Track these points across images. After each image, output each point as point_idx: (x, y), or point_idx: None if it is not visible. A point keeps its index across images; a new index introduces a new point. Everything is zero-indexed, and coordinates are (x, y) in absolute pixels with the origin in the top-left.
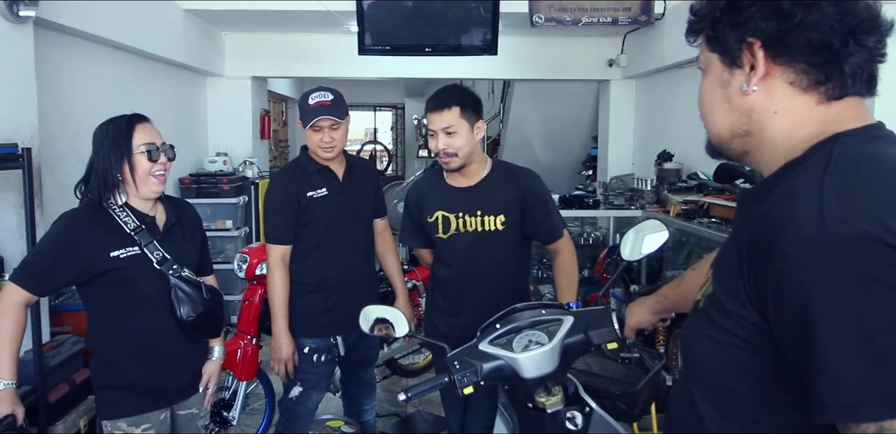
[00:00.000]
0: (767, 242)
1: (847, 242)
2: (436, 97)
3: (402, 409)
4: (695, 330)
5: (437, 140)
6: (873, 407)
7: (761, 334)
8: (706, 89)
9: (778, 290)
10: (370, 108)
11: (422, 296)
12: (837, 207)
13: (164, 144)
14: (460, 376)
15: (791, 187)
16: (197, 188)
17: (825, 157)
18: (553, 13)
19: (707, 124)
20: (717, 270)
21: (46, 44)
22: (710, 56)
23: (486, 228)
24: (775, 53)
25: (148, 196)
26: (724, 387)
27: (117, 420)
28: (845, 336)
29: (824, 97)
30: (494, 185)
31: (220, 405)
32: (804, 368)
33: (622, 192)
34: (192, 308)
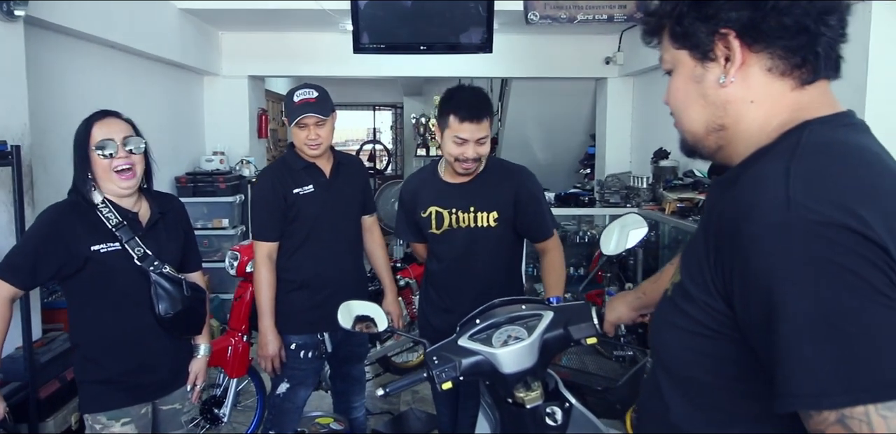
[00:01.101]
0: (733, 228)
1: (811, 228)
2: (469, 107)
3: (395, 407)
4: (661, 318)
5: (466, 148)
6: (834, 395)
7: (726, 322)
8: (678, 87)
9: (743, 276)
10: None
11: (415, 294)
12: (803, 193)
13: (126, 138)
14: (439, 372)
15: (758, 173)
16: (193, 187)
17: (793, 143)
18: (548, 11)
19: (681, 123)
20: (684, 258)
21: (41, 43)
22: (677, 53)
23: (479, 225)
24: (751, 41)
25: (116, 193)
26: (689, 375)
27: (97, 414)
28: (807, 323)
29: (799, 82)
30: (489, 181)
31: (211, 402)
32: (768, 356)
33: (618, 189)
34: (171, 305)
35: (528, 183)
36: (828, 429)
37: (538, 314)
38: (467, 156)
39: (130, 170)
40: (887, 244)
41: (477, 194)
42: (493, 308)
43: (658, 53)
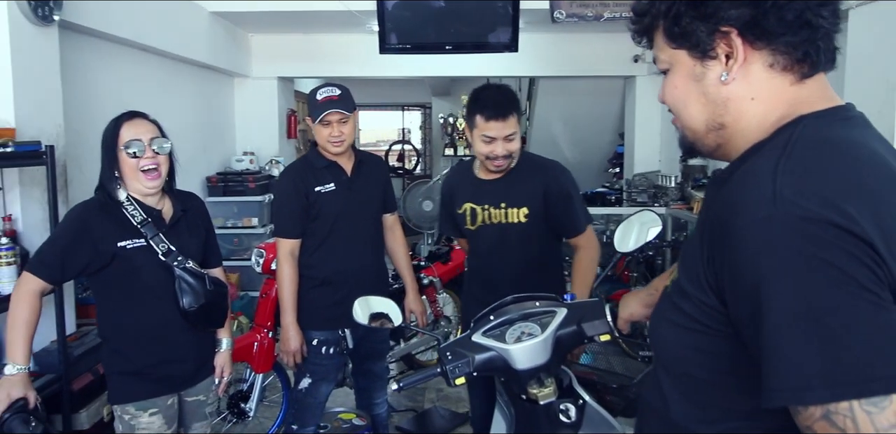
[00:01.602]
0: (724, 225)
1: (798, 224)
2: (494, 105)
3: (420, 405)
4: (659, 315)
5: (495, 146)
6: (818, 390)
7: (720, 318)
8: (676, 85)
9: (732, 272)
10: (399, 107)
11: (439, 292)
12: (790, 189)
13: (153, 139)
14: (452, 367)
15: (749, 170)
16: (224, 186)
17: (785, 139)
18: (574, 9)
19: (681, 121)
20: (682, 256)
21: (75, 46)
22: (675, 53)
23: (510, 220)
24: (753, 38)
25: (141, 192)
26: (685, 371)
27: (125, 404)
28: (793, 318)
29: (799, 76)
30: (519, 177)
31: (238, 397)
32: (757, 351)
33: (645, 188)
34: (195, 299)
35: (559, 178)
36: (814, 424)
37: (552, 311)
38: (497, 153)
39: (156, 170)
40: (874, 240)
41: (508, 190)
42: (507, 305)
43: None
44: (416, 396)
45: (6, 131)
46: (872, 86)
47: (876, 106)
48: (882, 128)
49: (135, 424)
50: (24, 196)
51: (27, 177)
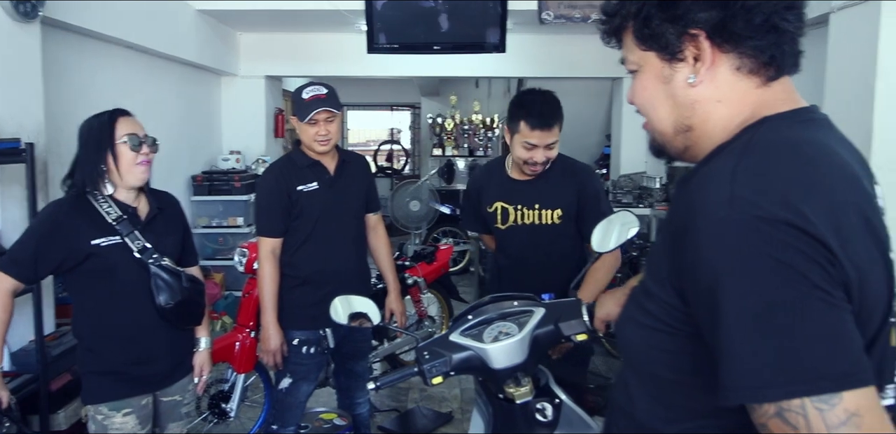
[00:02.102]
0: (684, 225)
1: (754, 224)
2: (540, 114)
3: (403, 405)
4: (626, 315)
5: (535, 153)
6: (771, 388)
7: (682, 318)
8: (645, 87)
9: (692, 271)
10: (388, 107)
11: (423, 292)
12: (747, 189)
13: (146, 136)
14: (430, 366)
15: (709, 171)
16: (209, 185)
17: (746, 140)
18: (562, 10)
19: (650, 123)
20: (649, 257)
21: (59, 43)
22: (644, 55)
23: (544, 222)
24: (721, 41)
25: (133, 184)
26: (650, 370)
27: (98, 405)
28: (747, 317)
29: (765, 79)
30: (553, 179)
31: (219, 397)
32: (715, 350)
33: (630, 189)
34: (171, 296)
35: (592, 181)
36: (768, 421)
37: (529, 311)
38: (536, 160)
39: (149, 163)
40: (828, 239)
41: (542, 192)
42: (485, 304)
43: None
44: (400, 396)
45: None
46: (852, 88)
47: (856, 108)
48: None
49: (108, 425)
50: (3, 194)
51: (7, 174)
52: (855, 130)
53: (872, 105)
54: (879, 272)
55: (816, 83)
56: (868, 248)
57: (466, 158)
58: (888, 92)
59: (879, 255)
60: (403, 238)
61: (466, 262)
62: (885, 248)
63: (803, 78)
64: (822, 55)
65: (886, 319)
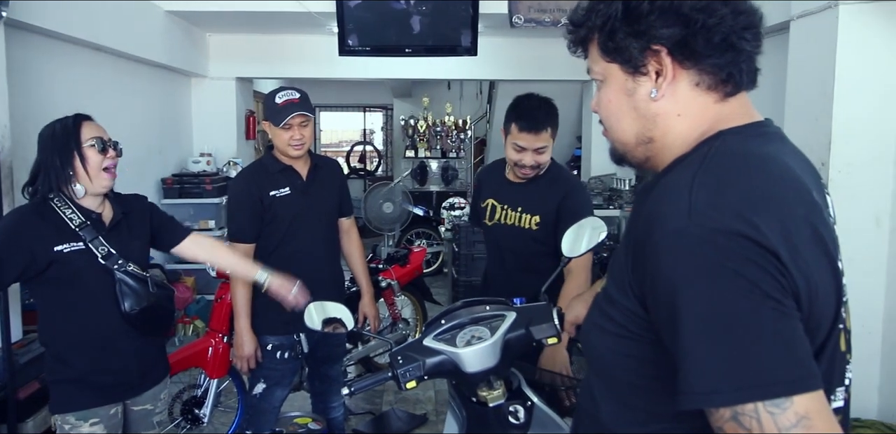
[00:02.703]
0: (644, 235)
1: (709, 236)
2: (531, 117)
3: (378, 408)
4: (590, 321)
5: (524, 155)
6: (725, 393)
7: (643, 325)
8: (609, 99)
9: (652, 280)
10: (360, 108)
11: (397, 294)
12: (704, 202)
13: (110, 140)
14: (403, 371)
15: (667, 183)
16: (180, 188)
17: (703, 154)
18: (532, 14)
19: (612, 133)
20: (611, 264)
21: (23, 45)
22: (608, 66)
23: (522, 225)
24: (682, 58)
25: (98, 191)
26: (614, 375)
27: (66, 414)
28: (702, 324)
29: (722, 95)
30: (540, 186)
31: (192, 403)
32: (673, 356)
33: (600, 191)
34: (136, 301)
35: (576, 196)
36: (724, 425)
37: (501, 315)
38: (524, 163)
39: (114, 169)
40: (779, 250)
41: (527, 196)
42: (458, 309)
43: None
44: (374, 399)
45: None
46: (812, 93)
47: (814, 113)
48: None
49: None
50: None
51: None
52: (814, 134)
53: (832, 109)
54: (828, 281)
55: (777, 88)
56: (817, 258)
57: (439, 160)
58: (846, 96)
59: (828, 264)
60: (377, 240)
61: (440, 264)
62: (833, 258)
63: (765, 83)
64: (782, 61)
65: (835, 326)
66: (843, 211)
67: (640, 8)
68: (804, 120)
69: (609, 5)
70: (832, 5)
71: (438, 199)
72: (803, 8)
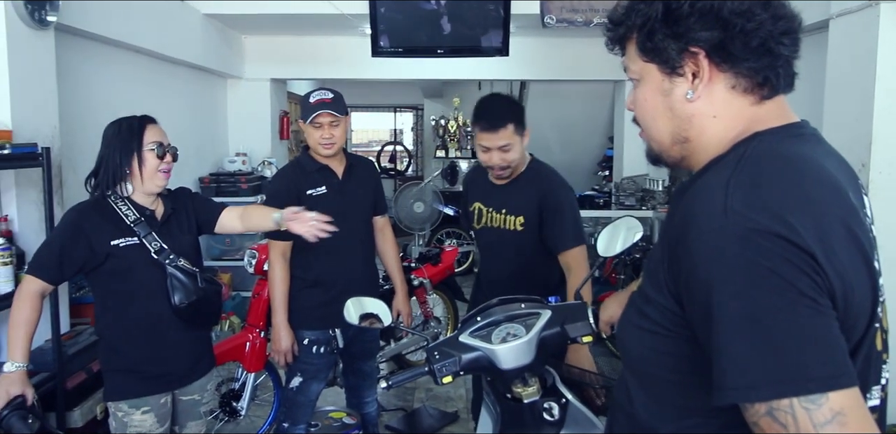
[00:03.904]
0: (680, 234)
1: (745, 235)
2: (488, 116)
3: (409, 404)
4: (626, 319)
5: (490, 155)
6: (762, 388)
7: (679, 322)
8: (646, 98)
9: (688, 279)
10: (391, 109)
11: (429, 293)
12: (740, 202)
13: (169, 145)
14: (440, 366)
15: (704, 184)
16: (216, 187)
17: (740, 154)
18: (564, 14)
19: (648, 132)
20: (647, 262)
21: (70, 48)
22: (645, 66)
23: (508, 227)
24: (719, 61)
25: (152, 191)
26: (648, 371)
27: (119, 402)
28: (739, 322)
29: (758, 98)
30: (520, 185)
31: (230, 396)
32: (708, 352)
33: (633, 192)
34: (185, 295)
35: (556, 190)
36: (759, 420)
37: (536, 313)
38: (492, 163)
39: (168, 172)
40: (814, 250)
41: (510, 197)
42: (493, 307)
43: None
44: (406, 396)
45: (3, 133)
46: (852, 93)
47: (854, 114)
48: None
49: (127, 422)
50: (20, 197)
51: (23, 178)
52: (855, 135)
53: (872, 109)
54: (864, 281)
55: (816, 88)
56: (852, 258)
57: (469, 160)
58: (887, 96)
59: (864, 264)
60: (407, 239)
61: (470, 264)
62: (869, 258)
63: (803, 83)
64: (821, 61)
65: (871, 325)
66: (884, 212)
67: (681, 9)
68: (844, 120)
69: (650, 5)
70: (872, 4)
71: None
72: (842, 7)
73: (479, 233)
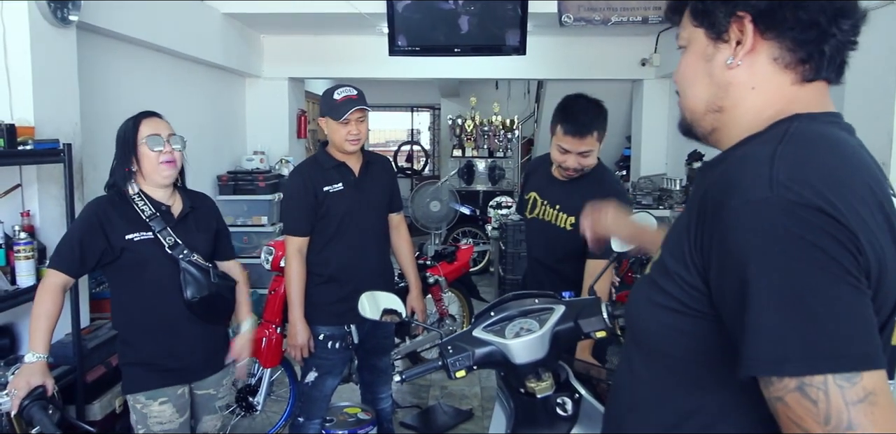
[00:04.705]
0: (717, 203)
1: (789, 207)
2: (575, 121)
3: (424, 402)
4: (639, 294)
5: (567, 157)
6: (796, 362)
7: (701, 299)
8: (687, 63)
9: (721, 248)
10: (408, 108)
11: (444, 291)
12: (785, 175)
13: (171, 135)
14: (453, 360)
15: (746, 155)
16: (234, 185)
17: (782, 131)
18: (582, 13)
19: (683, 99)
20: (666, 238)
21: (91, 47)
22: (694, 31)
23: (558, 224)
24: (764, 28)
25: (160, 183)
26: (660, 348)
27: (136, 394)
28: (777, 294)
29: (800, 77)
30: (581, 187)
31: (246, 391)
32: (737, 326)
33: (650, 191)
34: (198, 290)
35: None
36: (786, 395)
37: (550, 308)
38: (567, 165)
39: (173, 162)
40: (855, 230)
41: (567, 196)
42: (507, 301)
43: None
44: (421, 393)
45: (26, 130)
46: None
47: (874, 111)
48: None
49: (146, 413)
50: (41, 192)
51: (45, 174)
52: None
53: (893, 107)
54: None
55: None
56: (888, 243)
57: (486, 159)
58: None
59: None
60: (423, 238)
61: (486, 263)
62: None
63: None
64: None
65: (893, 313)
66: None
67: None
68: (864, 118)
69: None
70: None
71: (485, 198)
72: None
73: (530, 222)
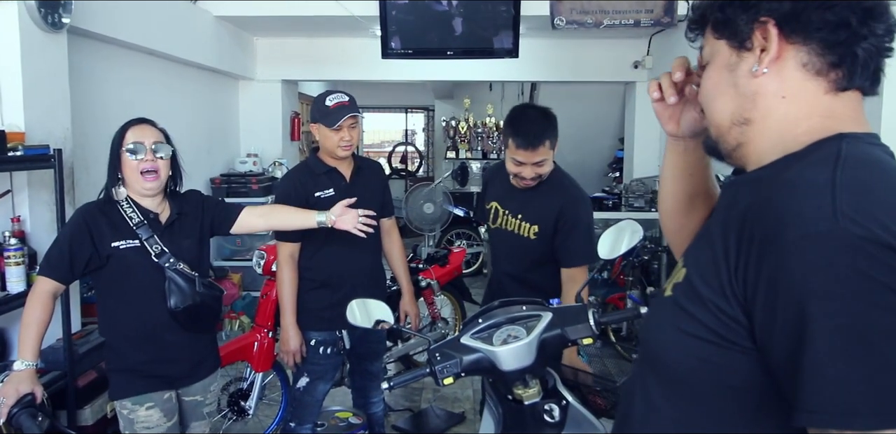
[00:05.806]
0: (768, 233)
1: (856, 243)
2: (525, 133)
3: (416, 405)
4: (661, 318)
5: (523, 168)
6: (864, 415)
7: (738, 330)
8: (710, 76)
9: (773, 284)
10: (402, 110)
11: (436, 294)
12: (851, 206)
13: (155, 143)
14: (441, 367)
15: (798, 179)
16: (227, 188)
17: (834, 152)
18: (574, 16)
19: (709, 114)
20: (692, 259)
21: (83, 50)
22: (716, 44)
23: (521, 233)
24: (789, 32)
25: (141, 193)
26: (685, 380)
27: (123, 400)
28: (844, 340)
29: (833, 85)
30: (541, 195)
31: (238, 395)
32: (789, 370)
33: (642, 194)
34: (181, 300)
35: (576, 206)
36: None
37: (537, 315)
38: (524, 176)
39: (155, 172)
40: None
41: (528, 204)
42: (495, 309)
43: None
44: (413, 396)
45: (16, 135)
46: None
47: None
48: None
49: (133, 418)
50: (32, 198)
51: (36, 179)
52: None
53: None
54: None
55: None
56: None
57: (480, 161)
58: None
59: None
60: (417, 240)
61: (479, 265)
62: None
63: None
64: None
65: None
66: None
67: None
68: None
69: None
70: None
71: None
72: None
73: (493, 232)
